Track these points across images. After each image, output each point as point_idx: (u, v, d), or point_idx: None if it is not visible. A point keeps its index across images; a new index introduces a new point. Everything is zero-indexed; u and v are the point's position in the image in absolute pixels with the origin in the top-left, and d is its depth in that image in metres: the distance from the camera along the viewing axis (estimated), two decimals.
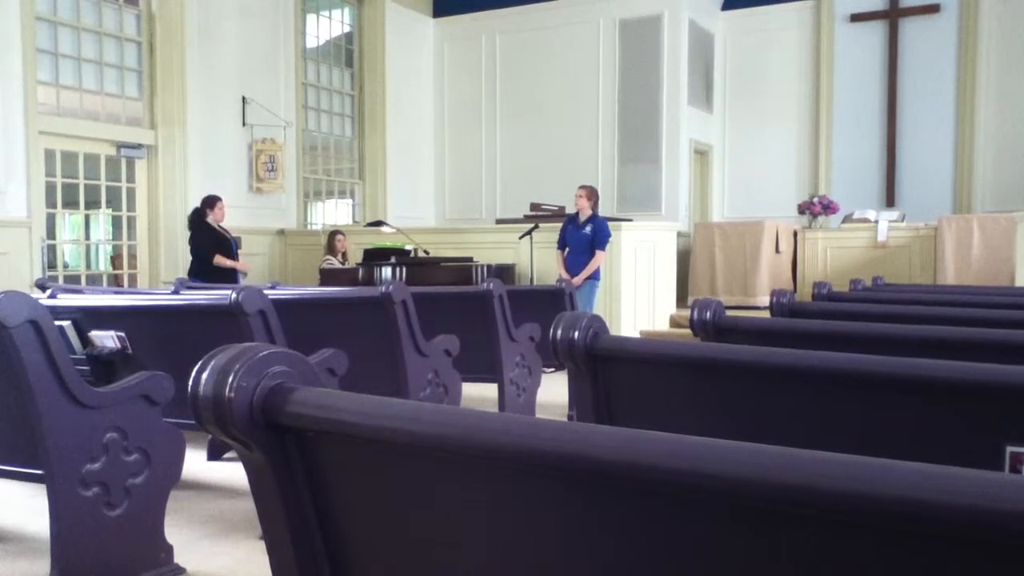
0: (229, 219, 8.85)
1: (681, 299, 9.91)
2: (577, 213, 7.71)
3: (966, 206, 11.06)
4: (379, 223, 9.78)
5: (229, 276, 7.93)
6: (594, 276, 7.53)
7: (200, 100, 9.35)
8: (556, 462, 0.93)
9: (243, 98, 9.91)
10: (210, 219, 8.05)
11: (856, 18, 11.64)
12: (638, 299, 8.84)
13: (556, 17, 11.93)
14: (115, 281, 9.40)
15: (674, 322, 9.22)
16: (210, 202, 8.09)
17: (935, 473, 0.74)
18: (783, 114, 12.08)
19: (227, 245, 8.14)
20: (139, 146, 9.02)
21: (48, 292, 5.13)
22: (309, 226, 11.39)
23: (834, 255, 9.93)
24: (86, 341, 3.49)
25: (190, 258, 8.22)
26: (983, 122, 11.05)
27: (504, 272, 8.45)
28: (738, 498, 0.83)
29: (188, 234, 8.19)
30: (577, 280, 7.18)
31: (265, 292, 3.96)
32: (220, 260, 7.99)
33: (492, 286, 5.20)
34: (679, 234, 10.07)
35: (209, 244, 8.02)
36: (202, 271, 7.85)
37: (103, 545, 2.85)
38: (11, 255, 7.60)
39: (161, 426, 3.04)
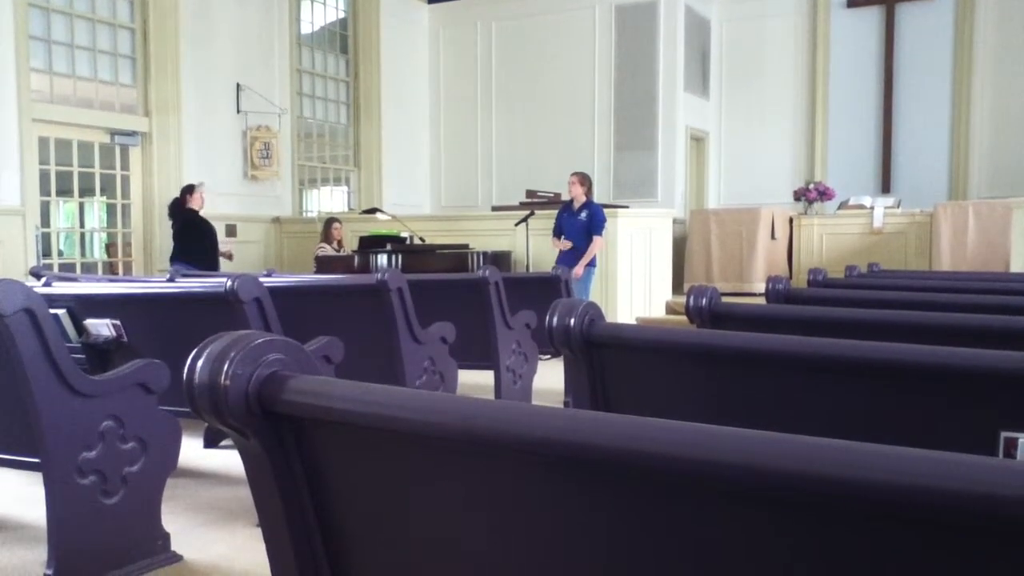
0: (225, 206, 8.87)
1: (677, 286, 9.92)
2: (571, 200, 7.70)
3: (962, 192, 11.07)
4: (374, 210, 9.76)
5: (210, 259, 8.16)
6: (591, 263, 7.53)
7: (194, 87, 9.31)
8: (552, 449, 0.93)
9: (237, 85, 9.87)
10: (191, 206, 8.27)
11: (852, 3, 11.62)
12: (634, 286, 8.85)
13: (552, 3, 11.88)
14: (110, 269, 9.38)
15: (670, 309, 9.23)
16: (189, 189, 8.32)
17: (930, 459, 0.75)
18: (779, 100, 12.07)
19: (207, 230, 8.34)
20: (133, 133, 8.98)
21: (43, 280, 5.12)
22: (304, 214, 11.37)
23: (830, 241, 9.94)
24: (81, 329, 3.49)
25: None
26: (979, 108, 11.04)
27: (500, 259, 8.44)
28: (734, 484, 0.83)
29: (171, 222, 8.41)
30: (578, 270, 7.18)
31: (260, 280, 3.95)
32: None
33: (488, 273, 5.19)
34: (675, 221, 10.07)
35: (187, 225, 8.22)
36: (182, 253, 8.07)
37: (100, 533, 2.86)
38: (5, 243, 7.58)
39: (157, 414, 3.04)
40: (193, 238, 8.22)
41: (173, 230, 8.37)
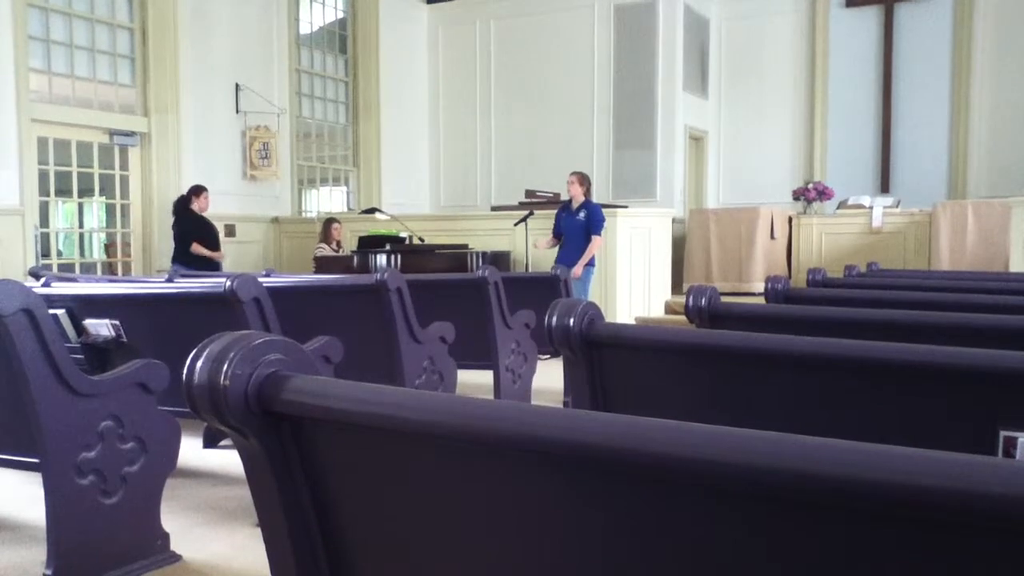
0: (224, 206, 8.89)
1: (676, 285, 9.92)
2: (570, 200, 7.70)
3: (961, 192, 11.07)
4: (373, 210, 9.76)
5: (210, 263, 8.15)
6: (590, 262, 7.52)
7: (193, 87, 9.31)
8: (552, 449, 0.93)
9: (236, 85, 9.87)
10: (194, 207, 8.34)
11: (851, 3, 11.63)
12: (633, 286, 8.84)
13: (551, 3, 11.88)
14: (109, 269, 9.38)
15: (669, 308, 9.23)
16: (196, 191, 8.38)
17: (929, 458, 0.75)
18: (778, 100, 12.07)
19: (207, 233, 8.39)
20: (132, 134, 8.97)
21: (42, 280, 5.12)
22: (303, 214, 11.37)
23: (829, 241, 9.94)
24: (80, 330, 3.48)
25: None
26: (978, 107, 11.05)
27: (499, 259, 8.44)
28: (733, 484, 0.83)
29: (172, 220, 8.47)
30: (577, 270, 7.18)
31: (260, 280, 3.95)
32: (197, 248, 8.26)
33: (487, 273, 5.19)
34: (674, 220, 10.07)
35: (189, 230, 8.29)
36: (182, 256, 8.17)
37: (99, 533, 2.86)
38: (4, 243, 7.57)
39: (156, 414, 3.04)
40: (195, 241, 8.25)
41: (175, 230, 8.38)
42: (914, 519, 0.76)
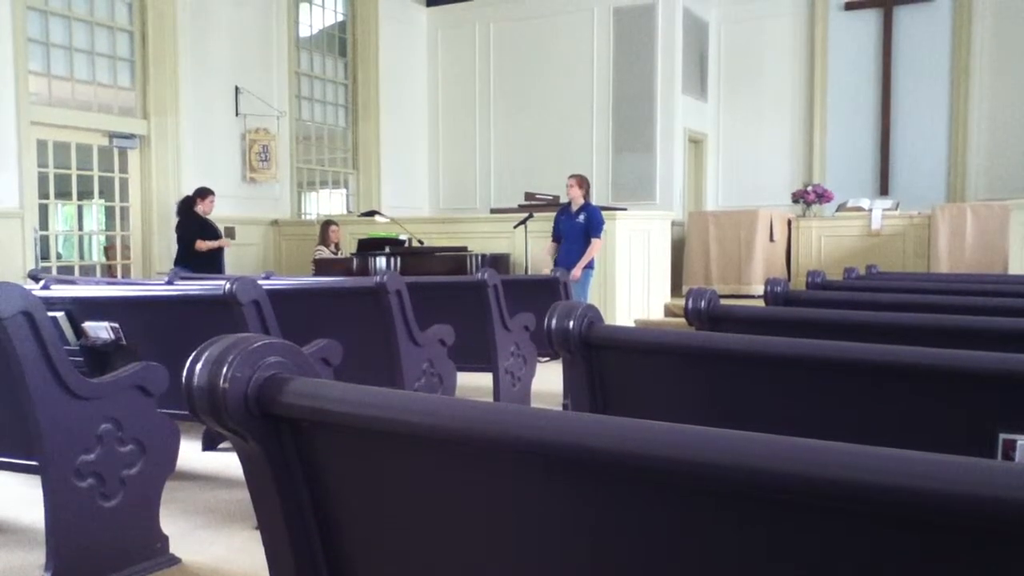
0: (223, 209, 8.91)
1: (676, 288, 9.92)
2: (569, 202, 7.71)
3: (960, 194, 11.08)
4: (373, 213, 9.76)
5: (213, 265, 8.18)
6: (589, 265, 7.53)
7: (193, 90, 9.31)
8: (551, 451, 0.93)
9: (236, 87, 9.87)
10: (198, 209, 8.32)
11: (850, 6, 11.64)
12: (633, 288, 8.85)
13: (550, 5, 11.90)
14: (108, 272, 9.38)
15: (669, 311, 9.23)
16: (201, 193, 8.37)
17: (928, 461, 0.75)
18: (777, 102, 12.07)
19: (210, 236, 8.41)
20: (132, 136, 8.98)
21: (41, 283, 5.12)
22: (303, 216, 11.37)
23: (828, 243, 9.95)
24: (80, 332, 3.48)
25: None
26: (977, 110, 11.06)
27: (499, 261, 8.45)
28: (732, 486, 0.83)
29: (176, 221, 8.45)
30: (576, 272, 7.18)
31: (259, 282, 3.94)
32: (201, 244, 8.26)
33: (487, 276, 5.19)
34: (673, 223, 10.07)
35: (192, 231, 8.28)
36: (185, 258, 8.16)
37: (98, 536, 2.85)
38: (3, 246, 7.57)
39: (156, 417, 3.04)
40: (199, 241, 8.26)
41: (178, 232, 8.37)
42: (913, 521, 0.76)
